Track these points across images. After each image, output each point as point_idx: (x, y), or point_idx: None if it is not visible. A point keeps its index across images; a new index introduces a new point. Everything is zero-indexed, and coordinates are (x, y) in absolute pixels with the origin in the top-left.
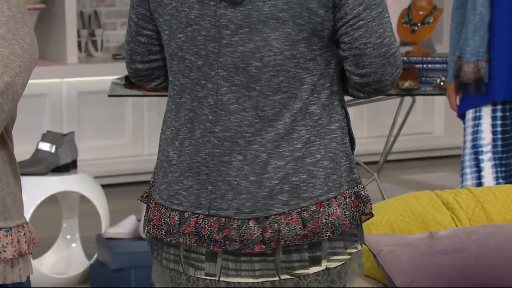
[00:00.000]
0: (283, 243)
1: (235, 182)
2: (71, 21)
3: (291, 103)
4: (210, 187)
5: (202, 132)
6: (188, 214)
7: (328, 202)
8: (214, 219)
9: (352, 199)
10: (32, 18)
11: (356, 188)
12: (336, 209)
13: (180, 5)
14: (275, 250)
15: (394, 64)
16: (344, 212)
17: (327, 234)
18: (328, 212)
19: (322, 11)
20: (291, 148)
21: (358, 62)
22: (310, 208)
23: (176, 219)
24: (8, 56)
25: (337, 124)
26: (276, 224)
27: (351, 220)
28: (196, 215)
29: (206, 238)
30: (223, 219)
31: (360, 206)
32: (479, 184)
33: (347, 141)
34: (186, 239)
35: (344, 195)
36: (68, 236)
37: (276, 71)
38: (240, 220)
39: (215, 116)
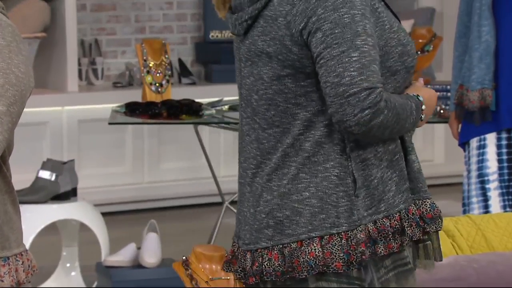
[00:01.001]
0: (265, 278)
1: (244, 213)
2: (71, 49)
3: (283, 138)
4: (239, 217)
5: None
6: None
7: (309, 241)
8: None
9: (353, 241)
10: (33, 47)
11: (356, 230)
12: (314, 249)
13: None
14: (266, 285)
15: (355, 105)
16: (336, 253)
17: (303, 274)
18: (306, 251)
19: (296, 48)
20: (279, 183)
21: (325, 101)
22: (291, 245)
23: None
24: (3, 86)
25: (333, 163)
26: (261, 258)
27: (347, 263)
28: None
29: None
30: (237, 249)
31: (364, 249)
32: (486, 213)
33: (350, 181)
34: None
35: (341, 235)
36: (68, 265)
37: (268, 105)
38: (242, 251)
39: (240, 145)
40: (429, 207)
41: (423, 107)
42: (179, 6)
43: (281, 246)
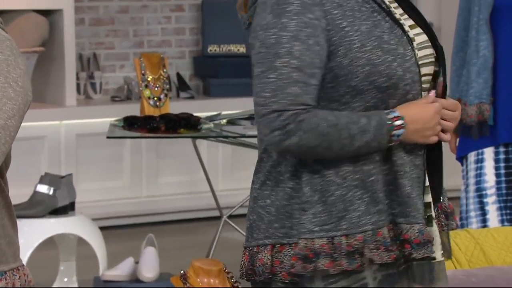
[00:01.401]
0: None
1: None
2: (70, 63)
3: (260, 144)
4: None
5: None
6: None
7: (263, 247)
8: None
9: (301, 253)
10: (31, 61)
11: (306, 243)
12: (265, 256)
13: None
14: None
15: (266, 126)
16: (285, 262)
17: (260, 278)
18: (259, 256)
19: None
20: (254, 187)
21: None
22: (253, 249)
23: None
24: (1, 99)
25: (290, 175)
26: (243, 257)
27: (292, 274)
28: None
29: None
30: None
31: (308, 263)
32: (484, 227)
33: (303, 195)
34: None
35: (292, 246)
36: (66, 279)
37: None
38: None
39: None
40: (417, 232)
41: (399, 122)
42: (178, 20)
43: (249, 248)
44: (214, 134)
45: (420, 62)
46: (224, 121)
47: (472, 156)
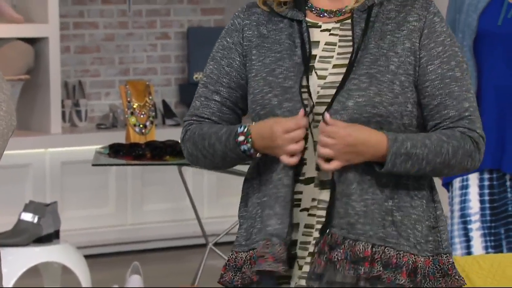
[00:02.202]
0: None
1: None
2: (55, 91)
3: None
4: None
5: None
6: None
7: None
8: None
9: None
10: (16, 89)
11: (236, 256)
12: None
13: None
14: None
15: None
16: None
17: None
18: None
19: None
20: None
21: None
22: None
23: None
24: None
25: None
26: None
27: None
28: None
29: None
30: None
31: (225, 273)
32: (469, 253)
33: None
34: None
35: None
36: None
37: None
38: None
39: None
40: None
41: (241, 138)
42: (163, 48)
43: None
44: None
45: (318, 100)
46: None
47: (457, 183)
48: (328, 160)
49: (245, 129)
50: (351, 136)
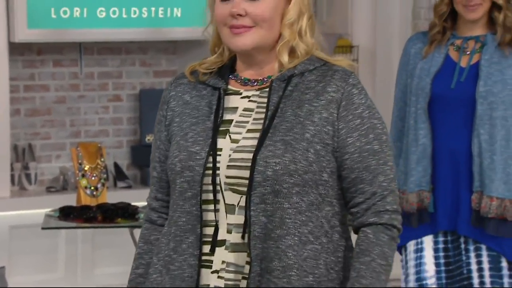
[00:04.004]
0: None
1: None
2: (4, 154)
3: None
4: None
5: None
6: None
7: None
8: None
9: None
10: None
11: None
12: None
13: None
14: None
15: None
16: None
17: None
18: None
19: None
20: None
21: None
22: None
23: None
24: None
25: None
26: None
27: None
28: None
29: None
30: None
31: None
32: None
33: None
34: None
35: None
36: None
37: None
38: None
39: None
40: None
41: None
42: (115, 110)
43: None
44: None
45: (229, 163)
46: None
47: (411, 246)
48: None
49: None
50: None
